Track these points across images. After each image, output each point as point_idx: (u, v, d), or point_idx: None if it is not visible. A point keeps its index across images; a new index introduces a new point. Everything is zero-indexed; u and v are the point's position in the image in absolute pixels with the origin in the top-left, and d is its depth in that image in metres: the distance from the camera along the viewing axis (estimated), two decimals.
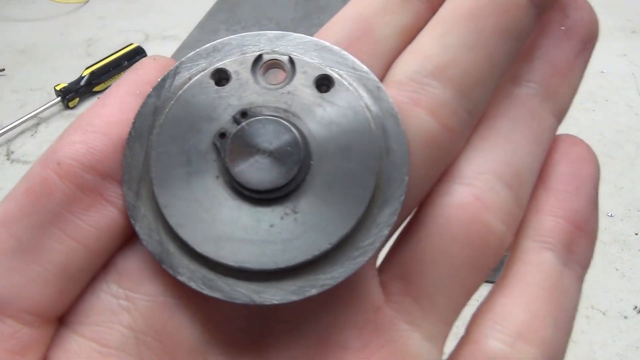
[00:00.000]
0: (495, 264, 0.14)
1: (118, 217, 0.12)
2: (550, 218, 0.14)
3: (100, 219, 0.12)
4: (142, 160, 0.13)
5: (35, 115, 0.70)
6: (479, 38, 0.14)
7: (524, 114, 0.15)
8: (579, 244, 0.14)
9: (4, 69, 0.79)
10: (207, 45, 0.14)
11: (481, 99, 0.14)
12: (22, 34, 0.89)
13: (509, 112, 0.15)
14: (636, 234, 0.48)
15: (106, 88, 0.75)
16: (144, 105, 0.13)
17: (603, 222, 0.50)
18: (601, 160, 0.57)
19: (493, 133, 0.15)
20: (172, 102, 0.13)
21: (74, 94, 0.71)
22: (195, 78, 0.13)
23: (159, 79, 0.13)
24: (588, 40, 0.15)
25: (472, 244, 0.14)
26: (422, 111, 0.14)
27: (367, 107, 0.13)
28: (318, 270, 0.12)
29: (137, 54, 0.77)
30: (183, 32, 0.84)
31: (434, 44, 0.14)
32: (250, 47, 0.14)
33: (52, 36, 0.88)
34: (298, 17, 0.85)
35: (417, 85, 0.14)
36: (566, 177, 0.15)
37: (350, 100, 0.13)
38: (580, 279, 0.15)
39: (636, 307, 0.43)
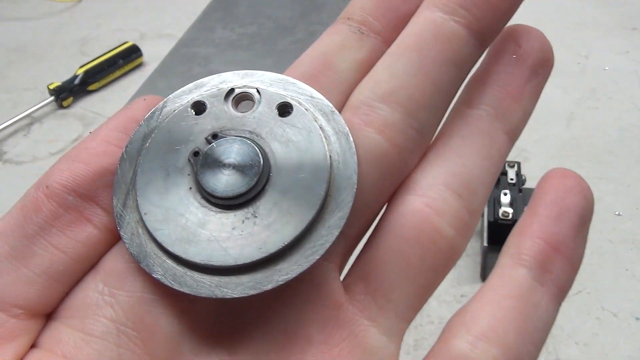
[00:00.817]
0: (449, 267, 0.16)
1: (94, 232, 0.15)
2: (529, 239, 0.16)
3: (79, 232, 0.15)
4: (130, 176, 0.15)
5: (28, 115, 0.68)
6: (422, 66, 0.16)
7: (475, 132, 0.17)
8: (556, 265, 0.15)
9: None
10: (190, 84, 0.16)
11: (429, 119, 0.16)
12: (15, 32, 0.88)
13: (461, 131, 0.17)
14: None
15: (101, 87, 0.74)
16: (135, 133, 0.16)
17: (611, 221, 0.49)
18: (605, 158, 0.56)
19: (446, 149, 0.16)
20: (158, 129, 0.16)
21: (67, 93, 0.70)
22: (179, 109, 0.16)
23: (150, 112, 0.16)
24: (539, 67, 0.17)
25: (422, 245, 0.15)
26: (372, 130, 0.16)
27: (321, 127, 0.15)
28: (274, 268, 0.14)
29: (133, 52, 0.76)
30: (179, 30, 0.83)
31: (384, 73, 0.16)
32: (226, 83, 0.16)
33: (45, 35, 0.86)
34: (295, 15, 0.84)
35: (369, 109, 0.16)
36: (550, 204, 0.16)
37: (306, 122, 0.15)
38: (556, 297, 0.15)
39: None
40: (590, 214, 0.16)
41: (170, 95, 0.16)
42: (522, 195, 0.51)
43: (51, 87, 0.70)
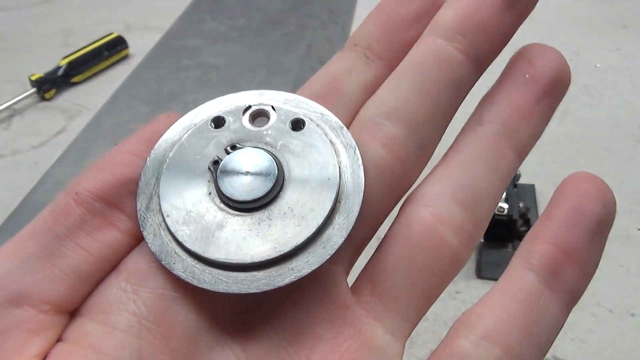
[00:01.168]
0: (452, 275, 0.16)
1: (119, 236, 0.16)
2: (540, 244, 0.16)
3: (104, 236, 0.16)
4: (153, 183, 0.16)
5: (8, 107, 0.66)
6: (424, 87, 0.17)
7: (482, 147, 0.17)
8: (566, 271, 0.15)
9: None
10: (212, 100, 0.18)
11: (429, 135, 0.17)
12: None
13: (470, 146, 0.17)
14: (639, 229, 0.47)
15: (85, 79, 0.72)
16: (158, 145, 0.17)
17: None
18: (599, 154, 0.55)
19: (454, 163, 0.17)
20: (180, 141, 0.17)
21: (50, 84, 0.68)
22: (199, 124, 0.17)
23: (172, 126, 0.18)
24: (553, 87, 0.17)
25: (427, 252, 0.16)
26: (377, 144, 0.17)
27: (331, 141, 0.17)
28: (287, 266, 0.15)
29: (118, 43, 0.74)
30: (166, 22, 0.81)
31: (388, 92, 0.18)
32: (243, 101, 0.18)
33: (27, 25, 0.84)
34: (286, 7, 0.82)
35: (374, 125, 0.17)
36: (566, 209, 0.16)
37: (317, 136, 0.17)
38: (566, 304, 0.15)
39: None
40: (610, 221, 0.16)
41: (190, 112, 0.18)
42: (517, 190, 0.50)
43: (33, 78, 0.67)
